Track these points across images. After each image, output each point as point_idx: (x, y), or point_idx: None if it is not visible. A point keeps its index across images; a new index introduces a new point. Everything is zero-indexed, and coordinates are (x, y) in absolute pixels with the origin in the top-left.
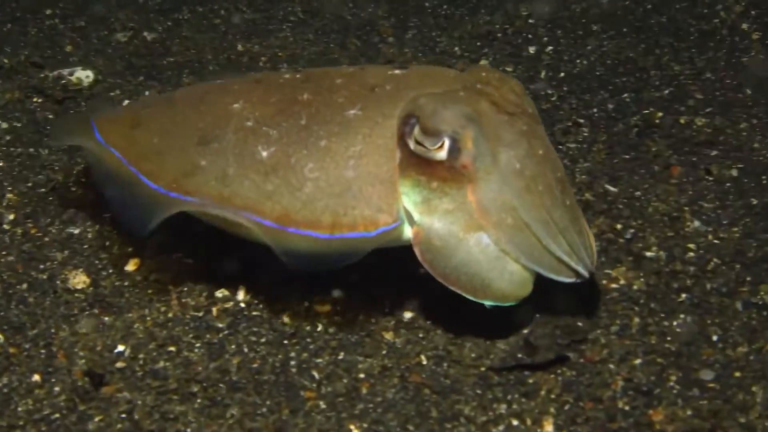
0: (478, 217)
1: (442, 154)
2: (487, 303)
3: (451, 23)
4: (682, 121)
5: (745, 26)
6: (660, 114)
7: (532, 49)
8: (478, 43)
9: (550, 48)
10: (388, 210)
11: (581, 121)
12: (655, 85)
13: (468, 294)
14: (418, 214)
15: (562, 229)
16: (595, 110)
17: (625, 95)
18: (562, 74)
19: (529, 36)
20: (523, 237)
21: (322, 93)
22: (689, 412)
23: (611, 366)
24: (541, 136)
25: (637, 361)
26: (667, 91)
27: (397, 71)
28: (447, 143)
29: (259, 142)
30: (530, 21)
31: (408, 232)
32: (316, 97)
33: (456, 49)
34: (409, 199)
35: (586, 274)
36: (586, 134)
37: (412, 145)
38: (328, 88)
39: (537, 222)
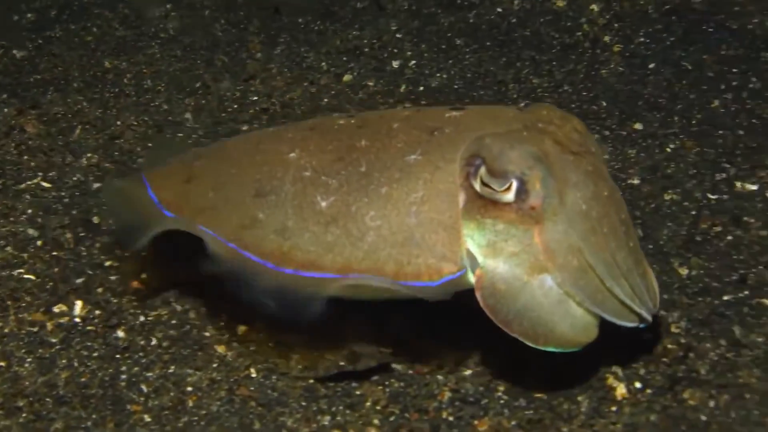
0: (544, 259)
1: (510, 196)
2: (550, 349)
3: (321, 39)
4: None
5: (607, 38)
6: None
7: (395, 64)
8: (344, 58)
9: (413, 62)
10: (452, 258)
11: None
12: (513, 97)
13: (530, 341)
14: (482, 257)
15: (626, 271)
16: None
17: None
18: (421, 88)
19: (395, 50)
20: (588, 279)
21: (380, 138)
22: (513, 422)
23: (440, 377)
24: (605, 176)
25: (467, 372)
26: (523, 104)
27: (454, 113)
28: (515, 184)
29: (318, 192)
30: (398, 36)
31: (471, 277)
32: (374, 143)
33: (323, 64)
34: (473, 242)
35: (649, 318)
36: None
37: (477, 186)
38: (386, 134)
39: (602, 264)
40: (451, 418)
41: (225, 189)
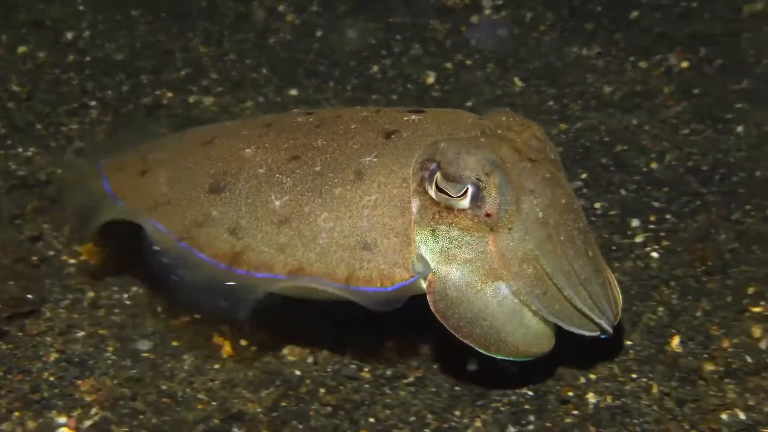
0: (498, 267)
1: (465, 203)
2: (500, 357)
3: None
4: (191, 100)
5: (281, 8)
6: (170, 94)
7: (70, 35)
8: (24, 30)
9: (88, 33)
10: (404, 264)
11: (92, 103)
12: (177, 66)
13: (481, 348)
14: (434, 263)
15: (584, 280)
16: (109, 92)
17: (143, 77)
18: (88, 58)
19: (73, 22)
20: (544, 288)
21: (337, 138)
22: (116, 381)
23: (49, 339)
24: (563, 184)
25: (80, 334)
26: (184, 72)
27: (413, 116)
28: (471, 190)
29: (272, 190)
30: (80, 8)
31: (423, 283)
32: (330, 142)
33: (2, 37)
34: (426, 248)
35: (609, 329)
36: (93, 116)
37: (432, 192)
38: (342, 134)
39: (559, 272)
40: (53, 378)
41: (179, 184)
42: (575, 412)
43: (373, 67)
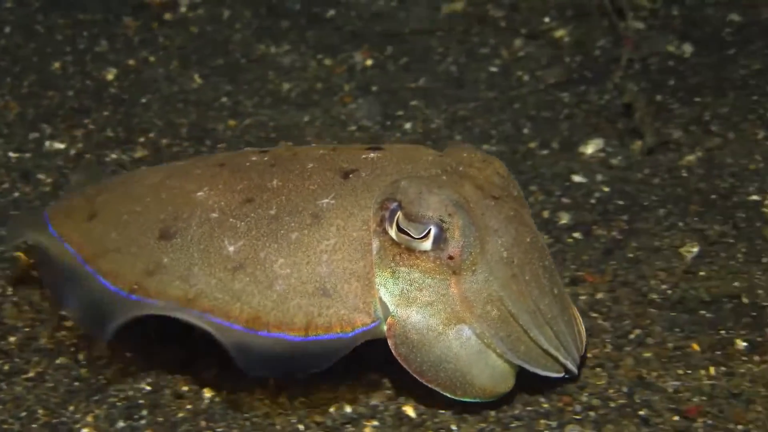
0: (461, 309)
1: (427, 244)
2: (466, 400)
3: None
4: None
5: None
6: None
7: None
8: None
9: None
10: (365, 309)
11: None
12: None
13: (447, 392)
14: (394, 306)
15: (550, 319)
16: None
17: None
18: None
19: None
20: (509, 329)
21: (293, 179)
22: None
23: None
24: (527, 221)
25: None
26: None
27: (371, 154)
28: (433, 232)
29: (226, 235)
30: None
31: (385, 327)
32: (286, 183)
33: None
34: (386, 290)
35: (575, 370)
36: None
37: (392, 232)
38: (299, 174)
39: (524, 313)
40: None
41: (128, 229)
42: (189, 407)
43: (55, 64)
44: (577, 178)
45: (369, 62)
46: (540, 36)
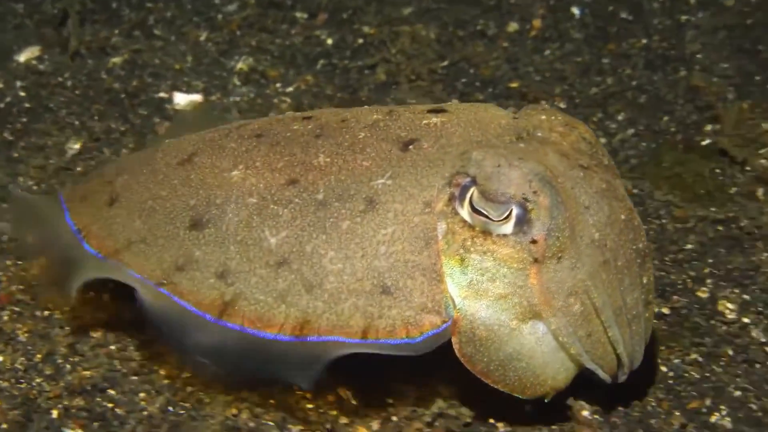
0: (539, 303)
1: (508, 227)
2: (531, 398)
3: None
4: None
5: None
6: None
7: None
8: None
9: None
10: (434, 308)
11: None
12: None
13: (515, 392)
14: (460, 300)
15: (634, 317)
16: None
17: None
18: None
19: None
20: (590, 328)
21: (342, 154)
22: None
23: None
24: (622, 195)
25: None
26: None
27: (434, 119)
28: (516, 213)
29: (266, 224)
30: None
31: None
32: (334, 160)
33: None
34: (452, 281)
35: (624, 377)
36: None
37: (464, 213)
38: (349, 147)
39: (609, 308)
40: None
41: (154, 216)
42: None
43: None
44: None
45: None
46: None
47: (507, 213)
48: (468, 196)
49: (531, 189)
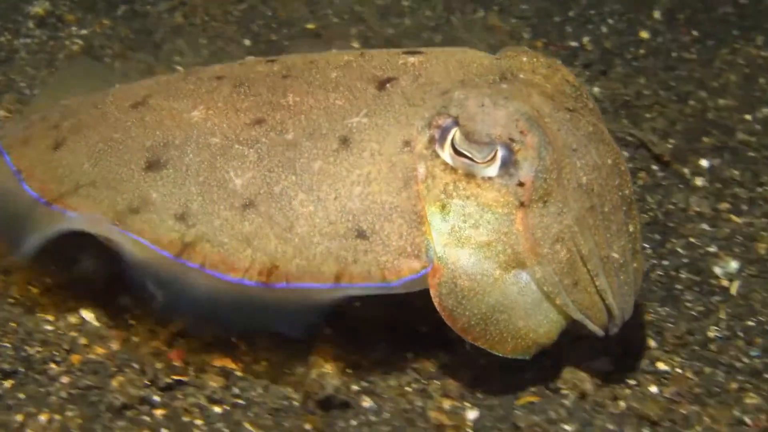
0: (525, 250)
1: (493, 169)
2: (512, 357)
3: None
4: None
5: None
6: None
7: None
8: None
9: None
10: (413, 252)
11: None
12: None
13: (495, 348)
14: (441, 247)
15: (621, 266)
16: None
17: None
18: None
19: None
20: (576, 276)
21: (313, 93)
22: None
23: None
24: (608, 139)
25: None
26: None
27: (411, 58)
28: (501, 154)
29: (231, 165)
30: None
31: None
32: (304, 99)
33: None
34: (432, 227)
35: (616, 329)
36: None
37: (447, 156)
38: (320, 86)
39: (596, 256)
40: None
41: (105, 160)
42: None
43: None
44: None
45: None
46: None
47: (492, 154)
48: (449, 137)
49: (517, 129)
